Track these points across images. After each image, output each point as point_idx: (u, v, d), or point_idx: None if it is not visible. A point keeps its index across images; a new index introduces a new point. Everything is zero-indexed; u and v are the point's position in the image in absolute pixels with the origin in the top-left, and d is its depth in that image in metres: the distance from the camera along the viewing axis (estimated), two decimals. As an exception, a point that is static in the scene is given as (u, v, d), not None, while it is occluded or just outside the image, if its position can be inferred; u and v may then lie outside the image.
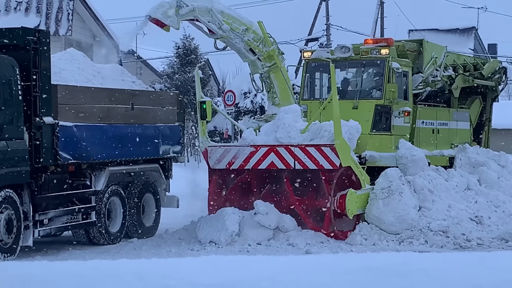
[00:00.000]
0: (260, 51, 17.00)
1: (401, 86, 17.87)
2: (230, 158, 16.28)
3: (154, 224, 17.10)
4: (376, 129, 17.31)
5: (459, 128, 20.10)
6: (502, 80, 22.11)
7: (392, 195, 15.89)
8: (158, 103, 17.06)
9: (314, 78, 18.48)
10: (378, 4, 43.21)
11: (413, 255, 4.13)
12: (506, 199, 17.73)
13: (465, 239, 15.61)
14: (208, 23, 16.12)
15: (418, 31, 49.53)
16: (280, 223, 15.61)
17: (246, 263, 4.66)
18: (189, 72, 36.81)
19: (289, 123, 16.02)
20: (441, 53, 19.51)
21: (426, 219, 15.95)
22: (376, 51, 17.53)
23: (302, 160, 15.58)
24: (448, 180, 17.51)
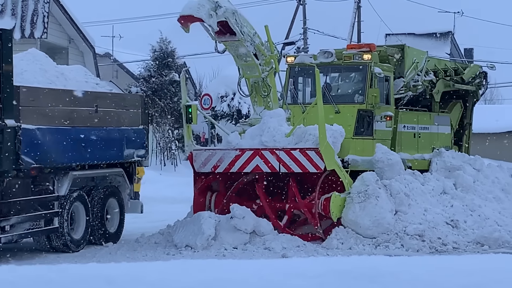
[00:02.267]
0: (265, 55, 16.98)
1: (383, 91, 18.13)
2: (215, 162, 16.42)
3: (118, 230, 16.78)
4: (358, 133, 17.53)
5: (440, 132, 20.37)
6: (483, 85, 22.35)
7: (369, 199, 15.93)
8: (122, 105, 16.74)
9: (298, 82, 18.70)
10: (355, 9, 43.36)
11: (384, 259, 4.14)
12: (482, 203, 17.83)
13: (441, 243, 15.68)
14: (234, 26, 16.03)
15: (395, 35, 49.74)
16: (257, 227, 15.61)
17: (216, 267, 4.65)
18: (165, 76, 36.73)
19: (274, 127, 16.22)
20: (422, 58, 19.75)
21: (402, 223, 16.00)
22: (358, 56, 17.78)
23: (287, 164, 15.76)
24: (424, 184, 17.59)
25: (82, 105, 15.49)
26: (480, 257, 5.11)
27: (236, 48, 16.60)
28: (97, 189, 16.24)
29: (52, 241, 15.17)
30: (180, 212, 17.29)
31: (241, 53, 16.68)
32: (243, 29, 16.29)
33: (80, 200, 15.55)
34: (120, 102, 16.85)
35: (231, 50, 16.75)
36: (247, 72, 17.15)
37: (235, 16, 16.10)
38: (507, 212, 18.09)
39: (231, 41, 16.39)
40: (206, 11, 15.48)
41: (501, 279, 3.84)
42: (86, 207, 15.71)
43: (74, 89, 15.58)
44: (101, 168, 16.24)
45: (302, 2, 43.60)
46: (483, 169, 19.46)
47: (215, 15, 15.65)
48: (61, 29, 30.33)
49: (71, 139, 15.00)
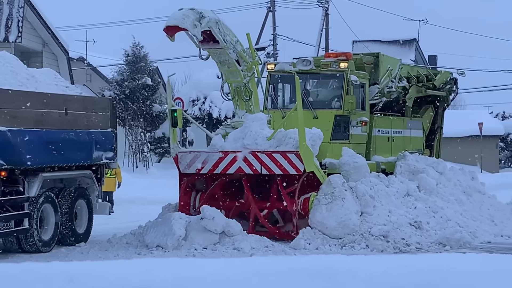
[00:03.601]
0: (247, 62, 17.30)
1: (359, 97, 18.48)
2: (200, 164, 16.66)
3: (86, 230, 16.69)
4: (335, 138, 17.95)
5: (413, 136, 20.83)
6: (453, 90, 22.77)
7: (335, 201, 15.98)
8: (91, 108, 16.70)
9: (278, 89, 19.05)
10: (323, 16, 43.51)
11: (340, 257, 4.17)
12: (444, 205, 17.96)
13: (405, 243, 15.76)
14: (218, 35, 16.36)
15: (361, 42, 50.00)
16: (226, 227, 15.60)
17: (176, 266, 4.65)
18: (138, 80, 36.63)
19: (255, 130, 16.50)
20: (396, 66, 20.14)
21: (368, 224, 16.06)
22: (335, 65, 18.13)
23: (268, 166, 16.09)
24: (389, 186, 17.67)
25: (52, 108, 15.42)
26: (435, 256, 5.17)
27: (219, 55, 16.92)
28: (66, 190, 16.15)
29: (21, 242, 15.03)
30: (152, 213, 17.25)
31: (224, 60, 17.00)
32: (226, 38, 16.62)
33: (50, 201, 15.45)
34: (89, 105, 16.79)
35: (215, 57, 17.07)
36: (229, 77, 17.49)
37: (218, 26, 16.42)
38: (468, 214, 18.25)
39: (214, 48, 16.72)
40: (190, 22, 15.81)
41: (449, 276, 3.90)
42: (55, 208, 15.61)
43: (45, 91, 15.49)
44: (70, 170, 16.17)
45: (272, 9, 43.68)
46: (445, 172, 19.61)
47: (199, 25, 15.95)
48: (36, 33, 30.12)
49: (41, 141, 14.90)
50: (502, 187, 27.17)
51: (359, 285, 3.58)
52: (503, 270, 3.97)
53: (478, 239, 16.79)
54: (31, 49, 29.67)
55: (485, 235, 17.22)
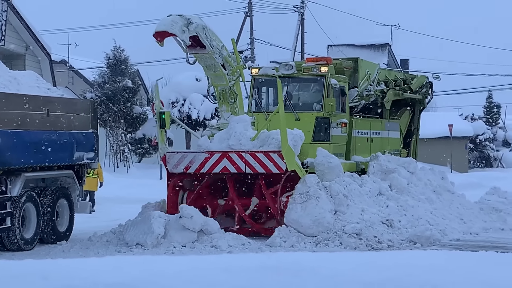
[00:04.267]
0: (232, 66, 17.55)
1: (339, 100, 18.74)
2: (187, 163, 16.94)
3: (67, 229, 16.63)
4: (316, 139, 18.18)
5: (391, 137, 21.21)
6: (429, 94, 23.13)
7: (310, 200, 16.02)
8: (73, 110, 16.67)
9: (261, 92, 19.32)
10: (299, 21, 43.59)
11: (307, 255, 4.20)
12: (415, 203, 18.02)
13: (377, 241, 15.81)
14: (204, 40, 16.61)
15: (336, 46, 50.12)
16: (204, 226, 15.60)
17: (148, 262, 4.65)
18: (119, 82, 36.53)
19: (240, 131, 16.79)
20: (374, 70, 20.51)
21: (341, 222, 16.10)
22: (316, 69, 18.46)
23: (252, 165, 16.36)
24: (362, 185, 17.71)
25: (34, 109, 15.36)
26: (400, 253, 5.20)
27: (206, 59, 17.14)
28: (48, 190, 16.08)
29: (4, 240, 14.95)
30: (132, 212, 17.21)
31: (210, 64, 17.23)
32: (212, 43, 16.87)
33: (32, 201, 15.38)
34: (71, 107, 16.75)
35: (201, 62, 17.29)
36: (215, 81, 17.72)
37: (205, 31, 16.67)
38: (438, 212, 18.34)
39: (201, 53, 16.94)
40: (179, 27, 16.02)
41: (413, 273, 3.93)
42: (37, 207, 15.54)
43: (27, 93, 15.43)
44: (52, 170, 16.10)
45: (250, 14, 43.69)
46: (416, 172, 19.69)
47: (187, 31, 16.16)
48: (18, 36, 29.93)
49: (23, 142, 14.83)
50: (471, 187, 27.36)
51: (324, 281, 3.60)
52: (466, 266, 4.02)
53: (448, 236, 16.88)
54: (14, 52, 29.50)
55: (454, 233, 17.32)
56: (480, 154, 55.45)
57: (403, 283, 3.75)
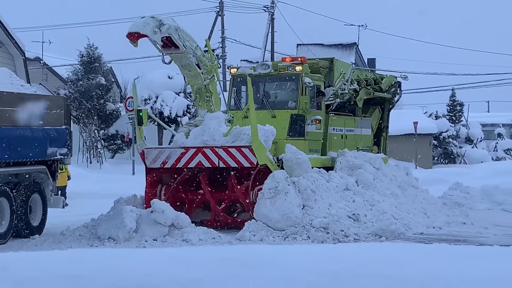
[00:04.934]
0: (206, 65, 17.85)
1: (314, 98, 19.05)
2: (164, 158, 17.35)
3: (41, 223, 16.52)
4: (291, 135, 18.46)
5: (363, 134, 21.68)
6: (397, 93, 23.57)
7: (279, 195, 16.03)
8: (46, 106, 16.52)
9: (240, 90, 19.65)
10: (269, 20, 43.60)
11: (264, 247, 4.22)
12: (381, 198, 18.11)
13: (344, 234, 15.87)
14: (177, 40, 16.88)
15: (305, 45, 50.20)
16: (176, 220, 15.56)
17: (108, 255, 4.63)
18: (92, 79, 36.33)
19: (214, 127, 17.17)
20: (348, 70, 20.98)
21: (309, 217, 16.13)
22: (291, 68, 18.82)
23: (225, 160, 16.71)
24: (329, 181, 17.76)
25: (7, 106, 15.22)
26: (355, 245, 5.23)
27: (181, 59, 17.41)
28: (22, 185, 15.94)
29: None
30: (104, 207, 17.12)
31: (185, 63, 17.52)
32: (185, 43, 17.09)
33: (5, 196, 15.22)
34: (44, 103, 16.60)
35: (176, 61, 17.60)
36: (191, 80, 18.04)
37: (178, 32, 16.88)
38: (403, 207, 18.43)
39: (175, 53, 17.18)
40: (151, 29, 16.34)
41: (366, 264, 3.95)
42: (11, 202, 15.38)
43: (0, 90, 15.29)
44: (25, 165, 15.96)
45: (221, 13, 43.64)
46: (382, 168, 19.78)
47: (159, 32, 16.45)
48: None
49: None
50: (435, 182, 27.53)
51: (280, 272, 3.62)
52: (418, 257, 4.04)
53: (412, 230, 16.98)
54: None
55: (418, 227, 17.42)
56: (443, 151, 55.88)
57: (355, 274, 3.78)
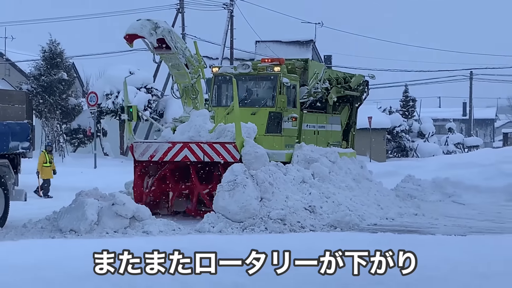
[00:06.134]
0: (194, 65, 18.53)
1: (290, 97, 19.81)
2: (151, 152, 17.93)
3: (3, 216, 16.32)
4: (270, 131, 19.16)
5: (333, 130, 22.48)
6: (365, 91, 24.31)
7: (237, 188, 16.05)
8: (7, 101, 16.37)
9: (221, 89, 20.21)
10: (228, 17, 43.53)
11: (198, 237, 4.30)
12: (336, 190, 18.22)
13: (300, 226, 15.94)
14: (170, 42, 17.56)
15: (263, 42, 50.21)
16: (136, 213, 15.49)
17: (60, 246, 4.61)
18: (55, 74, 35.95)
19: (199, 124, 17.79)
20: (321, 70, 21.81)
21: (267, 209, 16.17)
22: (270, 69, 19.52)
23: (210, 154, 17.33)
24: (286, 174, 17.82)
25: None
26: (299, 235, 5.30)
27: (171, 59, 18.17)
28: (-17, 178, 15.69)
29: None
30: (66, 200, 16.98)
31: (175, 63, 18.26)
32: (177, 45, 17.85)
33: None
34: (6, 98, 16.43)
35: (167, 61, 18.35)
36: (179, 79, 18.77)
37: (170, 34, 17.71)
38: (357, 199, 18.57)
39: (167, 54, 17.91)
40: (147, 31, 17.20)
41: (312, 246, 4.01)
42: (-26, 194, 15.15)
43: None
44: (-13, 159, 15.72)
45: (181, 10, 43.45)
46: (337, 161, 19.91)
47: (154, 34, 17.28)
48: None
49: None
50: (388, 175, 27.76)
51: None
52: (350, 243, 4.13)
53: (366, 221, 17.12)
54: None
55: (372, 218, 17.58)
56: (397, 145, 56.40)
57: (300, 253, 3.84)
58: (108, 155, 38.20)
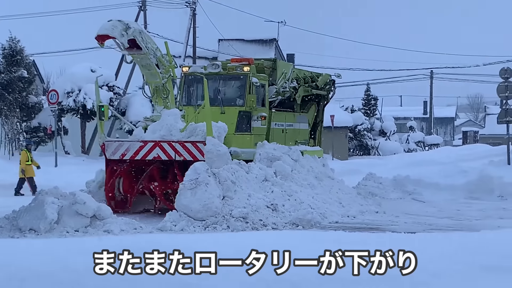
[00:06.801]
0: (165, 66, 18.66)
1: (260, 96, 20.04)
2: (123, 151, 17.90)
3: None
4: (239, 130, 19.36)
5: (301, 128, 22.76)
6: (331, 90, 24.63)
7: (199, 186, 16.00)
8: None
9: (191, 88, 20.39)
10: (191, 16, 43.39)
11: (147, 236, 4.29)
12: (298, 189, 18.26)
13: (262, 224, 15.94)
14: (141, 43, 17.77)
15: (226, 41, 50.15)
16: (97, 211, 15.34)
17: (11, 247, 4.56)
18: (14, 72, 35.52)
19: (171, 123, 17.94)
20: (289, 69, 22.11)
21: (229, 207, 16.14)
22: (239, 68, 19.70)
23: (181, 153, 17.41)
24: (248, 172, 17.80)
25: None
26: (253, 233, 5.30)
27: (142, 60, 18.35)
28: None
29: None
30: (26, 198, 16.76)
31: (146, 63, 18.41)
32: (148, 45, 18.07)
33: None
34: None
35: (138, 61, 18.56)
36: (150, 78, 18.86)
37: (141, 35, 17.89)
38: (319, 197, 18.63)
39: (138, 54, 18.10)
40: (119, 31, 17.35)
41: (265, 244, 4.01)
42: None
43: None
44: None
45: (143, 8, 43.22)
46: (300, 159, 19.96)
47: (126, 34, 17.44)
48: None
49: None
50: (350, 173, 27.95)
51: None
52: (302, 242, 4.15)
53: (327, 219, 17.17)
54: None
55: (334, 216, 17.64)
56: (359, 143, 56.76)
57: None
58: (69, 154, 37.85)
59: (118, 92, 38.37)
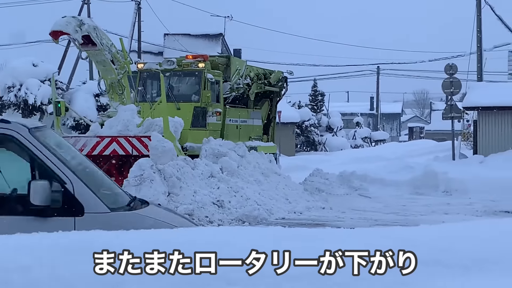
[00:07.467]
0: (120, 61, 18.87)
1: (214, 92, 20.51)
2: (80, 146, 17.80)
3: None
4: (194, 125, 19.86)
5: (255, 124, 23.36)
6: (284, 87, 25.25)
7: (144, 182, 15.90)
8: None
9: (146, 84, 20.87)
10: (136, 10, 43.08)
11: (98, 233, 4.25)
12: (244, 185, 18.27)
13: (208, 220, 15.91)
14: (95, 39, 17.99)
15: (172, 35, 49.91)
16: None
17: None
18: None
19: (127, 119, 18.15)
20: (243, 66, 22.57)
21: (174, 204, 16.07)
22: (194, 65, 20.16)
23: (138, 148, 17.61)
24: (194, 168, 17.75)
25: None
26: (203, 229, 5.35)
27: (97, 56, 18.57)
28: None
29: None
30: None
31: (101, 59, 18.64)
32: (102, 41, 18.30)
33: None
34: None
35: (93, 57, 18.82)
36: (105, 74, 19.07)
37: (96, 31, 18.14)
38: (265, 193, 18.67)
39: (93, 50, 18.32)
40: (72, 28, 17.59)
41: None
42: None
43: None
44: None
45: (87, 1, 42.73)
46: (246, 155, 19.97)
47: (80, 31, 17.67)
48: None
49: None
50: (297, 169, 28.10)
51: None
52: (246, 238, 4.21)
53: (274, 215, 17.23)
54: None
55: (280, 212, 17.71)
56: (306, 139, 57.09)
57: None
58: (11, 150, 37.32)
59: (61, 87, 37.90)
